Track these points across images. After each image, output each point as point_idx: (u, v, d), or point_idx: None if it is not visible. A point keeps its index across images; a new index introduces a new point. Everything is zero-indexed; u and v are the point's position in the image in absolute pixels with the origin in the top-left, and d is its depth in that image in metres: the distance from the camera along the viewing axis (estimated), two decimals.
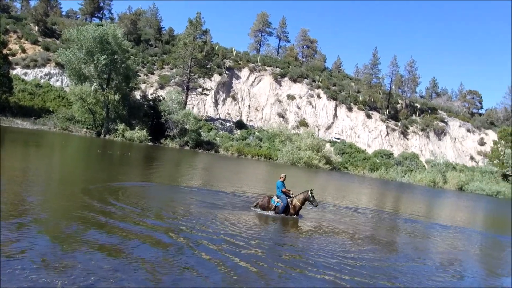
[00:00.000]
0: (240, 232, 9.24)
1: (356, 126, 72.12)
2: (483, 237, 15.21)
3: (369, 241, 10.86)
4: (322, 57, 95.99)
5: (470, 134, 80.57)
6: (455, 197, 38.91)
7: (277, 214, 11.93)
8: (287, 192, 12.26)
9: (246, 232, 9.33)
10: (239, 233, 9.07)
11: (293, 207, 12.00)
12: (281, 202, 12.03)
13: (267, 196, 12.63)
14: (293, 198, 12.11)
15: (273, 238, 9.34)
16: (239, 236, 8.77)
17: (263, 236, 9.32)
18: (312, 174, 39.55)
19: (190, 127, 46.63)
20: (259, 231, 9.86)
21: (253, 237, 8.91)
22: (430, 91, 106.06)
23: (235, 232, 9.11)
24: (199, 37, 58.57)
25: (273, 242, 8.85)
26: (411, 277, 7.86)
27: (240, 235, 8.89)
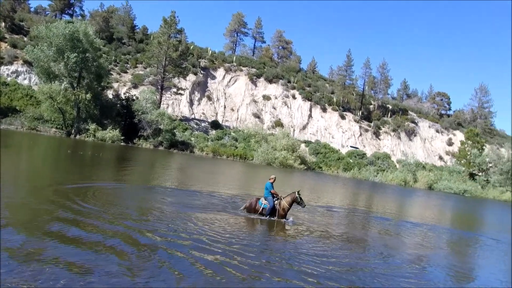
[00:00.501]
0: (213, 233, 9.17)
1: (330, 126, 73.17)
2: (451, 234, 15.75)
3: (341, 239, 11.02)
4: (297, 58, 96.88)
5: (439, 134, 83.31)
6: (425, 196, 40.14)
7: (265, 217, 11.68)
8: (276, 194, 12.03)
9: (219, 233, 9.27)
10: (212, 234, 9.01)
11: (282, 209, 11.81)
12: (268, 203, 11.82)
13: (254, 198, 12.36)
14: (281, 200, 11.92)
15: (246, 238, 9.33)
16: (210, 237, 8.71)
17: (235, 236, 9.29)
18: (287, 174, 39.82)
19: (164, 127, 45.99)
20: (232, 231, 9.81)
21: (224, 238, 8.86)
22: (401, 93, 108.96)
23: (207, 233, 9.04)
24: (174, 36, 57.87)
25: (245, 243, 8.83)
26: (381, 275, 8.03)
27: (212, 236, 8.82)
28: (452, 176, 59.91)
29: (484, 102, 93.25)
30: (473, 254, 12.42)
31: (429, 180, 55.00)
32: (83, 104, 41.37)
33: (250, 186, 22.05)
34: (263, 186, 12.49)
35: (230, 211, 12.43)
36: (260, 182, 26.52)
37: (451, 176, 59.46)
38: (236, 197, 16.02)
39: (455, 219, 23.51)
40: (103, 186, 13.70)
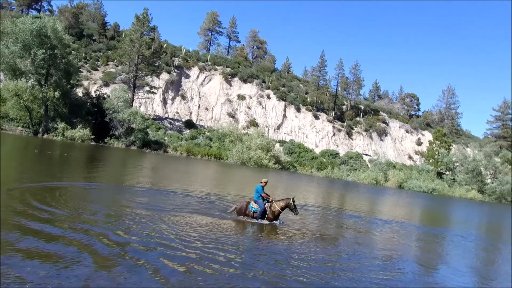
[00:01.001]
0: (184, 235, 9.05)
1: (304, 126, 73.91)
2: (420, 231, 16.22)
3: (314, 237, 11.13)
4: (272, 58, 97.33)
5: (408, 134, 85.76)
6: (395, 194, 41.22)
7: (256, 220, 11.50)
8: (267, 197, 11.83)
9: (190, 235, 9.16)
10: (183, 236, 8.89)
11: (271, 212, 11.63)
12: (258, 207, 11.63)
13: (245, 201, 12.12)
14: (272, 203, 11.73)
15: (219, 239, 9.26)
16: (181, 239, 8.60)
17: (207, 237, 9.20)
18: (262, 173, 39.93)
19: (137, 126, 45.13)
20: (204, 232, 9.71)
21: (195, 239, 8.77)
22: (373, 94, 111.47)
23: (178, 235, 8.92)
24: (147, 33, 56.83)
25: (216, 243, 8.76)
26: (352, 271, 8.16)
27: (183, 238, 8.71)
28: (421, 175, 61.78)
29: (451, 104, 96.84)
30: (440, 250, 12.83)
31: (399, 179, 56.53)
32: (51, 102, 40.00)
33: (225, 186, 21.94)
34: (238, 186, 12.44)
35: (205, 211, 12.31)
36: (235, 182, 26.48)
37: (420, 175, 61.31)
38: (211, 196, 15.90)
39: (424, 217, 24.25)
40: (72, 186, 13.27)
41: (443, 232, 17.07)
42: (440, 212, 28.94)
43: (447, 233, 16.68)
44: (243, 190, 20.63)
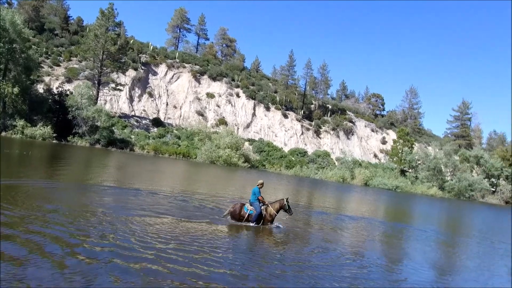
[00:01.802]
0: (146, 235, 8.85)
1: (273, 125, 74.39)
2: (384, 226, 16.70)
3: (282, 234, 11.20)
4: (241, 56, 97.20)
5: (374, 133, 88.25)
6: (361, 192, 42.30)
7: (251, 224, 11.29)
8: (263, 200, 11.66)
9: (153, 237, 8.98)
10: (143, 237, 8.70)
11: (269, 215, 11.49)
12: (254, 210, 11.34)
13: (239, 203, 11.85)
14: (268, 206, 11.61)
15: (186, 240, 9.12)
16: (140, 239, 8.41)
17: (174, 237, 9.05)
18: (231, 172, 39.83)
19: (101, 124, 43.79)
20: (170, 233, 9.55)
21: (163, 240, 8.61)
22: (340, 93, 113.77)
23: (140, 236, 8.71)
24: (112, 29, 55.18)
25: (180, 244, 8.63)
26: (318, 268, 8.26)
27: (143, 238, 8.52)
28: (386, 172, 63.73)
29: (414, 104, 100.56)
30: (404, 244, 13.26)
31: (365, 176, 58.03)
32: (9, 98, 38.10)
33: (194, 185, 21.68)
34: (208, 184, 12.31)
35: (173, 211, 12.09)
36: (203, 181, 26.22)
37: (385, 173, 63.23)
38: (180, 195, 15.66)
39: (388, 213, 25.01)
40: (31, 185, 12.66)
41: (406, 227, 17.68)
42: (403, 208, 29.96)
43: (410, 228, 17.28)
44: (212, 188, 20.47)
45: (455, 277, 9.53)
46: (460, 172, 65.02)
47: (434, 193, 58.92)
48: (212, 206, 14.25)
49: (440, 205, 39.78)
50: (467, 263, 11.47)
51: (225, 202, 15.85)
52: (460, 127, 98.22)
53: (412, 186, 60.39)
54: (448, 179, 65.12)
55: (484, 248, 14.95)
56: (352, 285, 7.25)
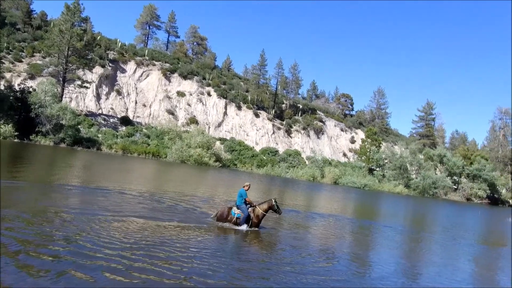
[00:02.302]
0: (111, 237, 8.60)
1: (245, 124, 74.35)
2: (353, 223, 17.03)
3: (253, 233, 11.17)
4: (212, 55, 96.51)
5: (343, 133, 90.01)
6: (331, 190, 43.02)
7: (240, 227, 11.12)
8: (250, 202, 11.53)
9: (118, 237, 8.73)
10: (107, 239, 8.44)
11: (256, 217, 11.32)
12: (241, 213, 11.21)
13: (226, 207, 11.71)
14: (255, 207, 11.49)
15: (155, 242, 8.93)
16: (103, 242, 8.16)
17: (139, 240, 8.83)
18: (202, 171, 39.46)
19: (67, 122, 42.23)
20: (137, 235, 9.31)
21: (126, 243, 8.38)
22: (310, 93, 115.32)
23: (103, 238, 8.45)
24: (78, 24, 53.24)
25: (147, 248, 8.45)
26: (289, 265, 8.29)
27: (106, 241, 8.27)
28: (355, 171, 65.13)
29: (381, 104, 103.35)
30: (370, 240, 13.56)
31: (334, 175, 59.07)
32: None
33: (164, 184, 21.28)
34: (178, 184, 12.10)
35: (142, 212, 11.80)
36: (173, 180, 25.80)
37: (354, 171, 64.61)
38: (150, 195, 15.32)
39: (356, 210, 25.55)
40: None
41: (374, 224, 18.11)
42: (371, 206, 30.70)
43: (377, 225, 17.72)
44: (183, 188, 20.18)
45: (420, 272, 9.82)
46: (425, 170, 67.40)
47: (400, 191, 60.79)
48: (183, 205, 14.04)
49: (405, 203, 41.07)
50: (431, 258, 11.87)
51: (196, 201, 15.66)
52: (425, 127, 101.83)
53: (380, 184, 62.02)
54: (413, 177, 67.36)
55: (447, 243, 15.54)
56: (318, 281, 7.31)
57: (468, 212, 40.33)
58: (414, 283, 8.52)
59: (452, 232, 19.46)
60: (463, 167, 70.89)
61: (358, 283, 7.67)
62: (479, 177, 68.97)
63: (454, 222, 26.19)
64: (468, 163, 72.25)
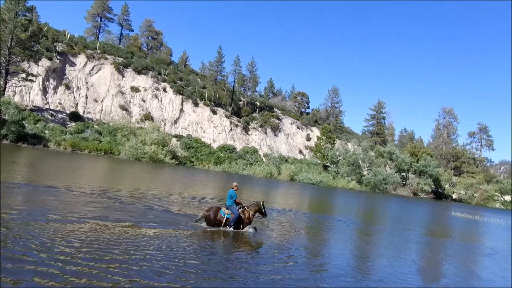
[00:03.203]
0: (61, 241, 8.16)
1: (202, 121, 73.52)
2: (308, 218, 17.38)
3: (208, 232, 11.05)
4: (168, 50, 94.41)
5: (299, 130, 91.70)
6: (288, 186, 43.70)
7: (229, 228, 10.92)
8: (240, 203, 11.39)
9: (62, 242, 8.30)
10: (51, 244, 8.01)
11: (247, 218, 11.26)
12: (231, 213, 10.98)
13: (214, 207, 11.36)
14: (245, 209, 11.37)
15: (100, 244, 8.56)
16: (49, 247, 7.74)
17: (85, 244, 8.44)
18: (157, 169, 38.53)
19: (10, 117, 39.55)
20: (85, 239, 8.89)
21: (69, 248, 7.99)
22: (268, 91, 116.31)
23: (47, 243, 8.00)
24: (23, 14, 49.85)
25: (94, 252, 8.10)
26: (245, 262, 8.28)
27: (52, 246, 7.85)
28: (310, 168, 66.66)
29: (336, 103, 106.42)
30: (325, 234, 13.89)
31: (291, 172, 60.11)
32: None
33: (117, 182, 20.49)
34: (132, 182, 11.67)
35: (92, 212, 11.26)
36: (127, 178, 24.94)
37: (309, 168, 66.10)
38: (99, 193, 14.68)
39: (312, 205, 26.12)
40: None
41: (328, 218, 18.60)
42: (325, 201, 31.53)
43: (331, 219, 18.22)
44: (137, 186, 19.57)
45: (371, 264, 10.21)
46: (376, 167, 70.36)
47: (353, 186, 63.04)
48: (137, 204, 13.60)
49: (358, 198, 42.62)
50: (381, 250, 12.37)
51: (151, 199, 15.24)
52: (376, 125, 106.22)
53: (334, 181, 63.94)
54: (365, 174, 70.11)
55: (395, 236, 16.29)
56: (275, 280, 7.35)
57: (415, 206, 42.62)
58: (366, 276, 8.82)
59: (400, 225, 20.44)
60: (411, 163, 74.82)
61: (315, 281, 7.80)
62: (425, 173, 73.13)
63: (402, 216, 27.55)
64: (415, 160, 76.34)
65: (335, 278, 7.98)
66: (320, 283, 7.58)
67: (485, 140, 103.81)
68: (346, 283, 7.81)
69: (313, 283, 7.44)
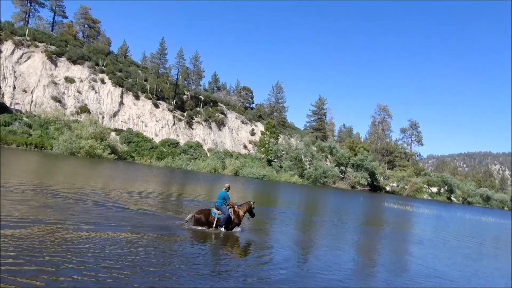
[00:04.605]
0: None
1: (143, 114, 70.99)
2: None
3: (147, 226, 10.71)
4: (106, 39, 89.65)
5: (244, 125, 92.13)
6: (232, 181, 43.73)
7: (220, 229, 10.84)
8: (232, 204, 11.23)
9: None
10: None
11: (237, 217, 11.29)
12: (222, 213, 10.85)
13: (204, 209, 11.18)
14: (235, 209, 11.39)
15: (33, 247, 7.94)
16: None
17: None
18: (95, 164, 36.58)
19: None
20: None
21: None
22: (212, 85, 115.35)
23: None
24: None
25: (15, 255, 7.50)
26: (188, 258, 8.12)
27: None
28: (254, 162, 67.31)
29: (279, 98, 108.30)
30: (268, 226, 14.08)
31: (235, 167, 60.24)
32: None
33: (48, 178, 19.08)
34: (65, 178, 10.90)
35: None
36: (59, 174, 23.34)
37: (254, 163, 66.73)
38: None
39: (256, 198, 26.29)
40: None
41: (272, 210, 18.88)
42: (269, 195, 32.02)
43: (274, 211, 18.51)
44: (72, 182, 18.38)
45: (310, 253, 10.51)
46: (317, 161, 72.86)
47: (296, 180, 64.76)
48: (73, 201, 12.76)
49: (299, 191, 43.84)
50: (321, 240, 12.79)
51: (87, 197, 14.39)
52: (317, 121, 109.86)
53: (277, 175, 65.19)
54: (307, 168, 72.33)
55: (334, 226, 16.96)
56: (215, 267, 7.29)
57: (352, 198, 44.80)
58: (304, 266, 9.04)
59: (339, 216, 21.34)
60: (349, 158, 78.51)
61: (256, 271, 7.84)
62: (362, 167, 77.14)
63: (341, 208, 28.81)
64: (353, 154, 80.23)
65: (276, 269, 8.08)
66: (262, 273, 7.64)
67: (415, 135, 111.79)
68: (286, 271, 7.95)
69: (255, 273, 7.47)
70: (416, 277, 9.20)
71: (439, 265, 11.12)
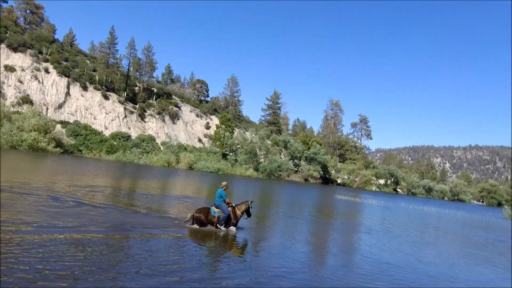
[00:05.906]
0: None
1: (92, 106, 67.82)
2: (207, 203, 17.36)
3: (101, 221, 10.33)
4: (50, 26, 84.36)
5: (198, 118, 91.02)
6: (186, 175, 43.16)
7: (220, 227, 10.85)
8: (230, 202, 11.45)
9: None
10: None
11: (234, 217, 11.34)
12: (222, 212, 11.10)
13: (203, 208, 11.15)
14: (235, 208, 11.49)
15: None
16: None
17: None
18: (38, 158, 34.46)
19: None
20: None
21: None
22: (166, 77, 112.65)
23: None
24: None
25: None
26: (142, 255, 7.96)
27: None
28: (209, 156, 66.79)
29: (235, 92, 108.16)
30: None
31: (190, 161, 59.42)
32: None
33: None
34: (5, 171, 10.15)
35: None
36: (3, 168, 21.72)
37: (208, 157, 66.19)
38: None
39: (210, 192, 26.21)
40: None
41: None
42: None
43: None
44: (15, 178, 17.18)
45: (265, 244, 10.67)
46: (272, 155, 73.78)
47: (251, 174, 65.17)
48: (13, 199, 11.95)
49: (254, 184, 44.22)
50: (275, 232, 13.01)
51: (31, 193, 13.53)
52: (272, 115, 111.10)
53: (232, 168, 65.19)
54: (262, 161, 73.03)
55: (288, 218, 17.31)
56: (172, 264, 7.19)
57: (305, 190, 45.92)
58: (259, 260, 9.15)
59: (293, 208, 21.80)
60: (303, 151, 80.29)
61: (213, 265, 7.81)
62: (315, 160, 79.23)
63: (295, 200, 29.43)
64: (307, 148, 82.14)
65: (233, 260, 8.10)
66: (219, 264, 7.63)
67: (365, 130, 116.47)
68: (242, 264, 8.00)
69: (211, 267, 7.45)
70: (363, 265, 9.63)
71: (386, 253, 11.72)
